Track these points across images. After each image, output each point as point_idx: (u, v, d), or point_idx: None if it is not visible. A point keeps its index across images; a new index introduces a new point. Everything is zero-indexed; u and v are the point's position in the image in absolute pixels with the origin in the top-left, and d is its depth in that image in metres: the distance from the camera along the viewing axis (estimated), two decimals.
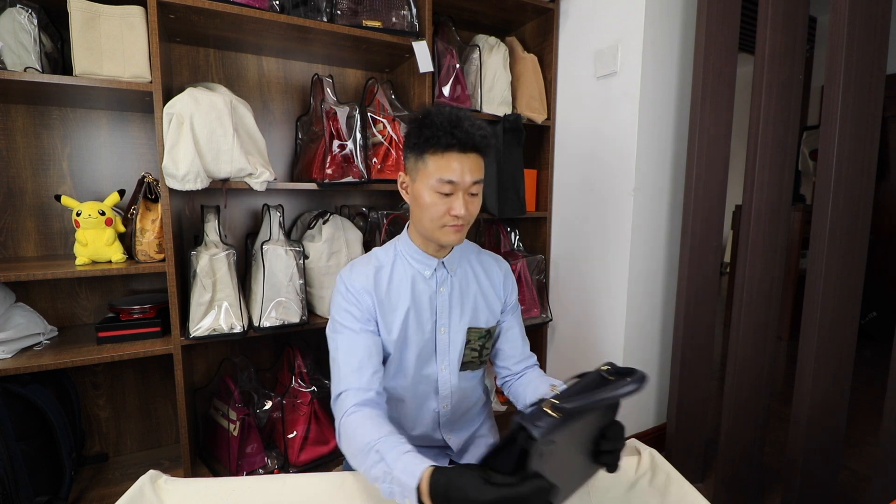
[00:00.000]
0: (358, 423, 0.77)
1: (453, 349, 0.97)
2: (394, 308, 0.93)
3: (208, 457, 1.55)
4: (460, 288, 0.98)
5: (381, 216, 1.70)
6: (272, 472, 1.46)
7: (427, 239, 0.93)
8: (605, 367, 0.68)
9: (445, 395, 0.99)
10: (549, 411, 0.57)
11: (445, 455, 1.05)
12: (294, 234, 1.67)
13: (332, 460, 1.56)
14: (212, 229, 1.42)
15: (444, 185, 0.84)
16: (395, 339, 0.92)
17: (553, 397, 0.60)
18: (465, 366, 0.99)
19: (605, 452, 0.68)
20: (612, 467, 0.69)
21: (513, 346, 1.05)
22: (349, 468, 1.08)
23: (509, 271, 1.07)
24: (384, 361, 0.94)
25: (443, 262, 0.96)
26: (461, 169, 0.84)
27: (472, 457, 1.05)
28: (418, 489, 0.61)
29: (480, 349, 1.00)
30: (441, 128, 0.82)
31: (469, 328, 0.98)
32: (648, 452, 0.83)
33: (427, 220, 0.88)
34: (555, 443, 0.57)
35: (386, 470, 0.66)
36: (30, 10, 1.16)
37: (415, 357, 0.94)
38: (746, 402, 1.38)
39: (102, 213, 1.29)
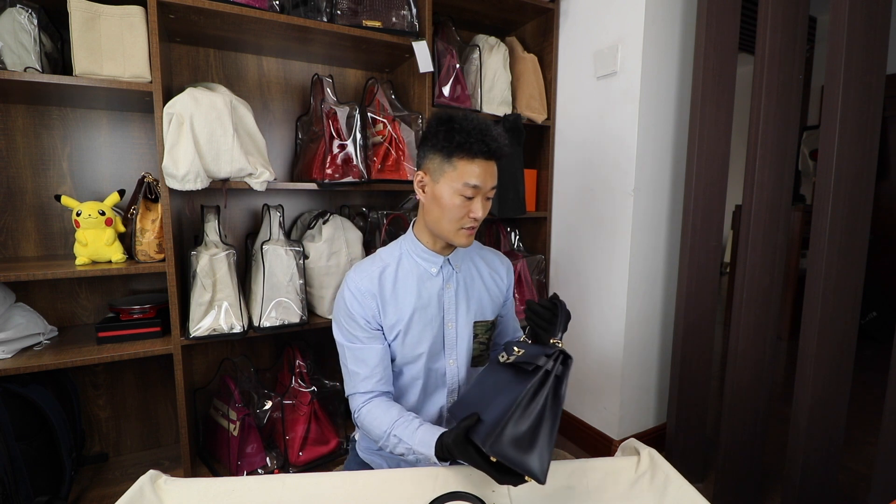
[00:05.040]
0: (371, 415, 0.91)
1: (461, 343, 1.01)
2: (400, 306, 0.96)
3: (208, 457, 1.55)
4: (465, 283, 1.02)
5: (381, 216, 1.70)
6: (272, 472, 1.46)
7: (438, 238, 0.97)
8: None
9: (453, 388, 1.02)
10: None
11: None
12: (294, 234, 1.67)
13: (332, 460, 1.56)
14: (212, 229, 1.42)
15: (468, 188, 0.89)
16: (403, 336, 0.96)
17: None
18: (475, 360, 1.04)
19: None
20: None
21: (504, 332, 1.14)
22: (349, 468, 1.09)
23: (511, 266, 1.13)
24: (392, 359, 0.99)
25: (448, 260, 1.00)
26: (485, 175, 0.89)
27: None
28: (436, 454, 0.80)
29: (487, 342, 1.05)
30: (473, 135, 0.87)
31: (475, 322, 1.02)
32: (648, 452, 0.83)
33: (447, 220, 0.92)
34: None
35: (407, 447, 0.84)
36: (30, 10, 1.16)
37: (425, 352, 0.98)
38: (746, 402, 1.38)
39: (102, 213, 1.29)
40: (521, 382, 0.75)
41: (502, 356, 0.87)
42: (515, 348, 0.85)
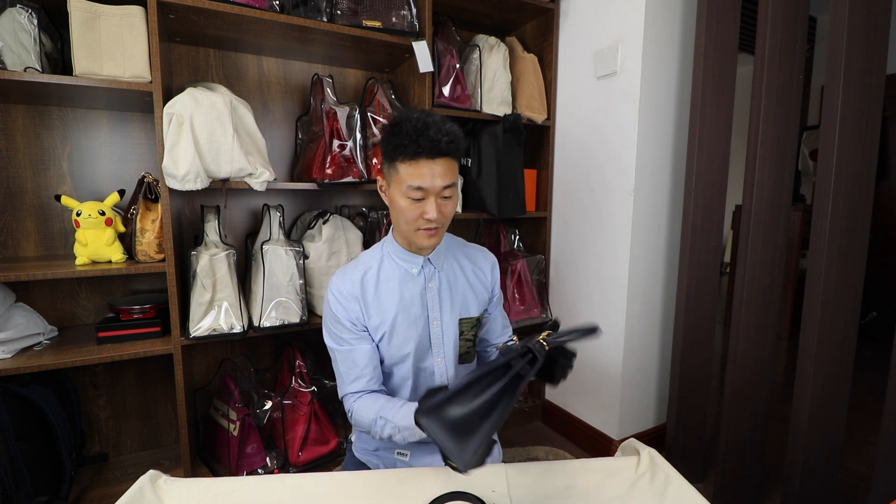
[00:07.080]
0: (362, 407, 0.92)
1: (447, 341, 1.01)
2: (383, 308, 0.96)
3: (208, 457, 1.55)
4: (448, 282, 1.02)
5: (381, 216, 1.70)
6: (272, 472, 1.46)
7: (406, 240, 0.97)
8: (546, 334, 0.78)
9: None
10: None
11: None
12: (294, 234, 1.67)
13: (332, 460, 1.56)
14: (212, 229, 1.42)
15: (414, 191, 0.87)
16: (389, 337, 0.97)
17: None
18: (461, 357, 1.04)
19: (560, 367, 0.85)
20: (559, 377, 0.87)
21: (492, 329, 1.13)
22: (349, 468, 1.09)
23: (496, 262, 1.12)
24: (381, 361, 0.99)
25: (429, 259, 0.99)
26: (431, 175, 0.86)
27: None
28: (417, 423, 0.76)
29: (474, 339, 1.05)
30: (408, 136, 0.85)
31: (460, 319, 1.02)
32: (648, 452, 0.83)
33: (403, 223, 0.92)
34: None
35: (393, 426, 0.85)
36: (30, 10, 1.16)
37: (412, 352, 0.98)
38: (746, 402, 1.38)
39: (102, 213, 1.29)
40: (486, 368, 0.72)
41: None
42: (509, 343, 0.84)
